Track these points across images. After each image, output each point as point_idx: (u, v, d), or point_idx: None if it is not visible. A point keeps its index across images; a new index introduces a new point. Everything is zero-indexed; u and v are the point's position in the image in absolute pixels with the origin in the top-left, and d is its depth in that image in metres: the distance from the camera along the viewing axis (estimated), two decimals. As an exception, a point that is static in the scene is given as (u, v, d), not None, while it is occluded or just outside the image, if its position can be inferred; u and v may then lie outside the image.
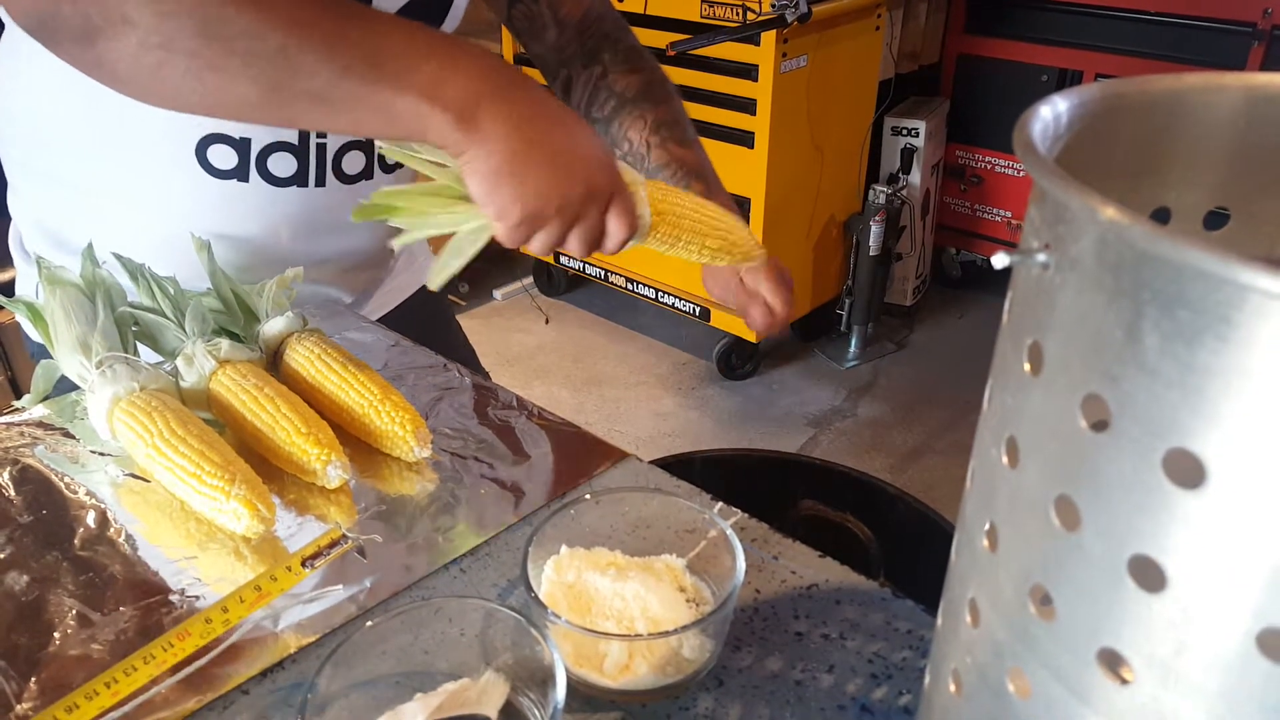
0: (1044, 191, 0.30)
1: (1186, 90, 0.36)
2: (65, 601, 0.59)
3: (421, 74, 0.55)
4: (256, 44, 0.53)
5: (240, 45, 0.53)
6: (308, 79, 0.54)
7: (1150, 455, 0.26)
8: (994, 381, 0.34)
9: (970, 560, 0.36)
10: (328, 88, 0.54)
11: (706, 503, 0.67)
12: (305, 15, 0.53)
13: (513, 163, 0.56)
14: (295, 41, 0.53)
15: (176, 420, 0.67)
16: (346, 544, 0.63)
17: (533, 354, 2.70)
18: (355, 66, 0.54)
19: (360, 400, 0.72)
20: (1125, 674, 0.29)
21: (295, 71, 0.54)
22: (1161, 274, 0.25)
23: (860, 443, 2.34)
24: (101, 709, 0.52)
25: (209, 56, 0.53)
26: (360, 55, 0.54)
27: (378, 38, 0.55)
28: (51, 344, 0.74)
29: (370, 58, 0.54)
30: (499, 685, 0.49)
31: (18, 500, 0.68)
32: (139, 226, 0.83)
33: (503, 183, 0.57)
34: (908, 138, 2.57)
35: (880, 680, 0.54)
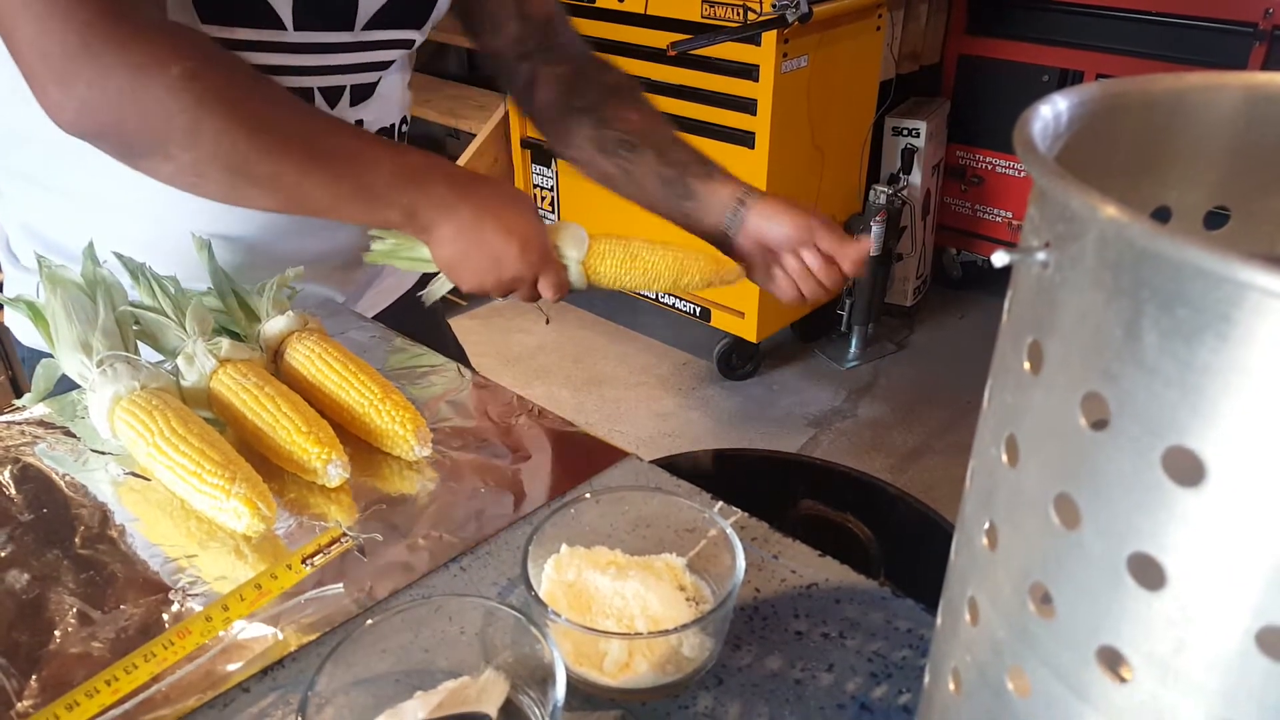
0: (1044, 190, 0.30)
1: (1187, 89, 0.36)
2: (66, 599, 0.59)
3: (401, 200, 0.72)
4: (275, 181, 0.68)
5: (262, 181, 0.68)
6: (315, 202, 0.70)
7: (1150, 453, 0.26)
8: (994, 380, 0.34)
9: (970, 559, 0.36)
10: (330, 208, 0.71)
11: (706, 502, 0.67)
12: (314, 158, 0.69)
13: (456, 260, 0.76)
14: (307, 179, 0.69)
15: (177, 419, 0.67)
16: (346, 542, 0.63)
17: (533, 354, 2.70)
18: (354, 196, 0.71)
19: (361, 399, 0.72)
20: (1125, 672, 0.29)
21: (305, 198, 0.70)
22: (1161, 272, 0.25)
23: (860, 443, 2.34)
24: (102, 707, 0.52)
25: (236, 186, 0.68)
26: (356, 187, 0.71)
27: (370, 172, 0.71)
28: (52, 343, 0.74)
29: (364, 190, 0.71)
30: (499, 683, 0.49)
31: (18, 499, 0.68)
32: (125, 229, 0.83)
33: (451, 270, 0.77)
34: (908, 138, 2.57)
35: (880, 679, 0.54)
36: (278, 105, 0.69)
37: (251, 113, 0.66)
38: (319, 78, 0.82)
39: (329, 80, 0.82)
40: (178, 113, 0.64)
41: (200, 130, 0.64)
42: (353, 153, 0.71)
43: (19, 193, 0.87)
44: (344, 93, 0.84)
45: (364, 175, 0.70)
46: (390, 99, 0.91)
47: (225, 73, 0.66)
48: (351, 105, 0.86)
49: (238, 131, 0.65)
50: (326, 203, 0.70)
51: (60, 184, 0.83)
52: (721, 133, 2.27)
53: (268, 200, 0.70)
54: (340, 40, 0.81)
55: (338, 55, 0.82)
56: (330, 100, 0.84)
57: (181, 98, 0.63)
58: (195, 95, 0.63)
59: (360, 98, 0.86)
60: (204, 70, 0.64)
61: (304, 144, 0.68)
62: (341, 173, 0.70)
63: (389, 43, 0.85)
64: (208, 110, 0.64)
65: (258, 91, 0.68)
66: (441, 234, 0.74)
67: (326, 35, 0.80)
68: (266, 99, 0.68)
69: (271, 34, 0.76)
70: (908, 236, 2.64)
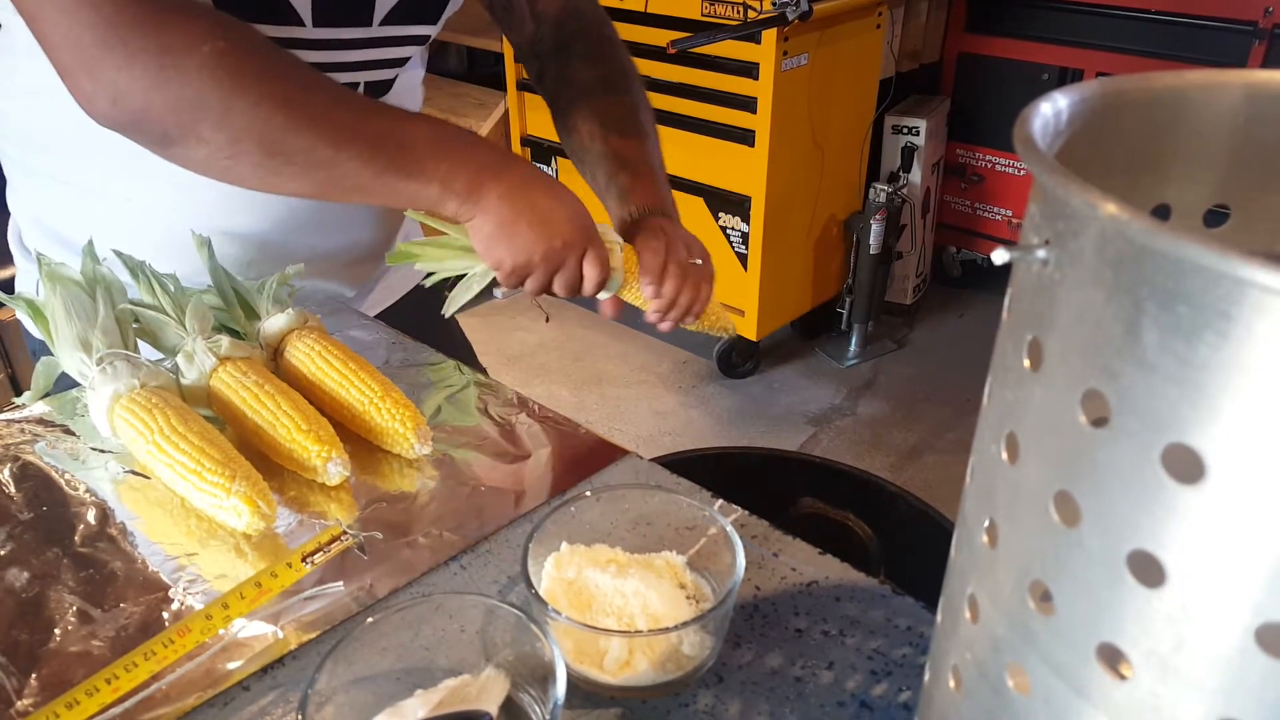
0: (1044, 187, 0.30)
1: (1187, 87, 0.36)
2: (66, 598, 0.59)
3: (439, 171, 0.69)
4: (310, 156, 0.66)
5: (296, 158, 0.66)
6: (351, 179, 0.68)
7: (1149, 451, 0.26)
8: (994, 378, 0.34)
9: (970, 556, 0.36)
10: (367, 183, 0.68)
11: (706, 500, 0.67)
12: (347, 131, 0.67)
13: (503, 228, 0.71)
14: (341, 153, 0.66)
15: (177, 417, 0.67)
16: (347, 541, 0.63)
17: (533, 352, 2.70)
18: (389, 169, 0.68)
19: (361, 397, 0.72)
20: (1124, 669, 0.29)
21: (342, 175, 0.68)
22: (1161, 269, 0.25)
23: (860, 441, 2.34)
24: (102, 705, 0.52)
25: (271, 166, 0.67)
26: (392, 160, 0.68)
27: (405, 144, 0.68)
28: (52, 341, 0.74)
29: (400, 162, 0.68)
30: (499, 681, 0.49)
31: (18, 497, 0.68)
32: (139, 224, 0.84)
33: (496, 243, 0.72)
34: (908, 136, 2.57)
35: (880, 677, 0.54)
36: (310, 82, 0.67)
37: (284, 90, 0.65)
38: (334, 74, 0.82)
39: (345, 77, 0.83)
40: (209, 92, 0.63)
41: (232, 109, 0.64)
42: (388, 126, 0.69)
43: (33, 188, 0.88)
44: (359, 89, 0.84)
45: (400, 148, 0.68)
46: (405, 96, 0.91)
47: (256, 51, 0.65)
48: None
49: (270, 108, 0.64)
50: (363, 179, 0.68)
51: (74, 179, 0.84)
52: (721, 131, 2.27)
53: (303, 181, 0.68)
54: (358, 36, 0.81)
55: (354, 51, 0.82)
56: None
57: (212, 76, 0.63)
58: (226, 74, 0.63)
59: (375, 95, 0.86)
60: (234, 49, 0.63)
61: (338, 119, 0.67)
62: (377, 146, 0.67)
63: (404, 38, 0.86)
64: (239, 88, 0.63)
65: (289, 69, 0.67)
66: (485, 200, 0.71)
67: (344, 31, 0.80)
68: (298, 76, 0.67)
69: (290, 30, 0.77)
70: (907, 235, 2.64)
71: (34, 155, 0.85)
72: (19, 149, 0.86)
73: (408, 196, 0.70)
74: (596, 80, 0.93)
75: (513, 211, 0.71)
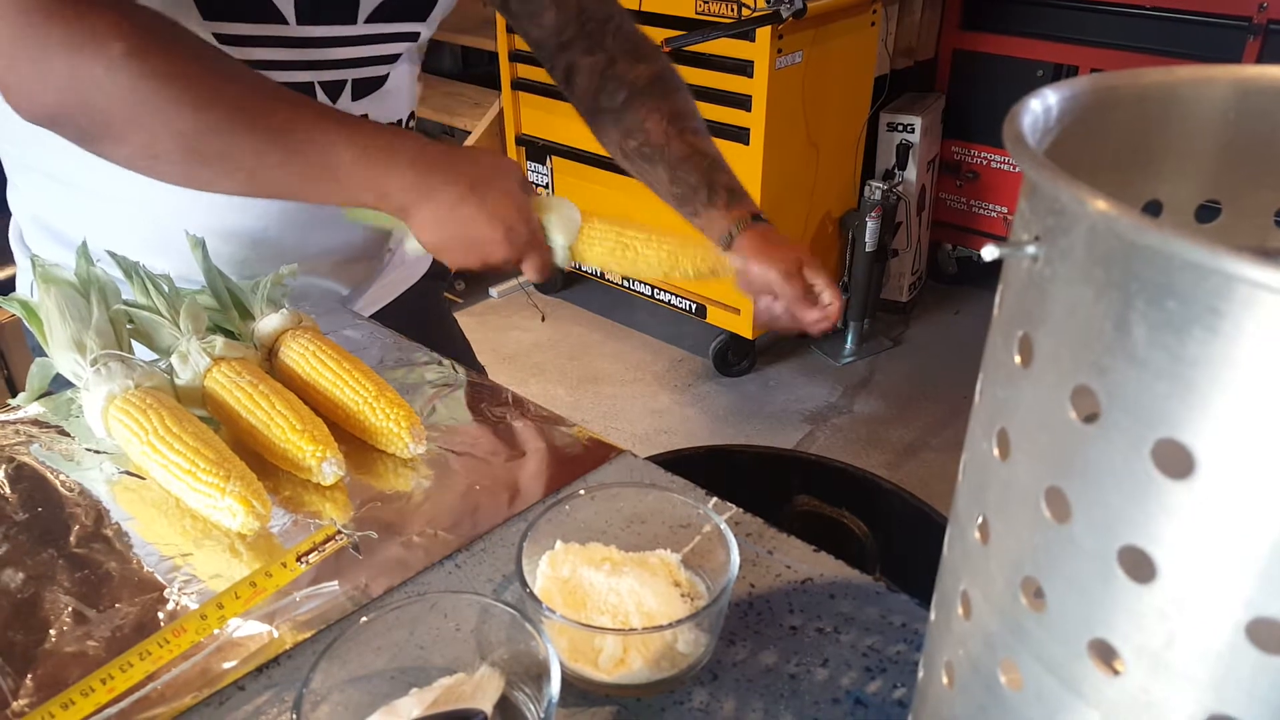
0: (1033, 184, 0.30)
1: (1177, 83, 0.36)
2: (61, 598, 0.59)
3: (368, 180, 0.68)
4: (229, 160, 0.65)
5: (216, 161, 0.65)
6: (276, 184, 0.68)
7: (1140, 446, 0.26)
8: (985, 374, 0.34)
9: (962, 553, 0.36)
10: (295, 190, 0.69)
11: (701, 498, 0.67)
12: (268, 134, 0.65)
13: (440, 244, 0.73)
14: (261, 158, 0.66)
15: (171, 418, 0.67)
16: (341, 540, 0.63)
17: (529, 351, 2.70)
18: (313, 177, 0.67)
19: (355, 397, 0.72)
20: (1116, 665, 0.29)
21: (265, 179, 0.67)
22: (1150, 265, 0.25)
23: (856, 438, 2.34)
24: (97, 705, 0.52)
25: (192, 167, 0.66)
26: (316, 167, 0.67)
27: (329, 153, 0.67)
28: (46, 342, 0.74)
29: (326, 171, 0.67)
30: (494, 680, 0.49)
31: (13, 498, 0.68)
32: (137, 223, 0.84)
33: (436, 253, 0.74)
34: (903, 134, 2.57)
35: (875, 674, 0.54)
36: (231, 81, 0.65)
37: (202, 89, 0.63)
38: (320, 72, 0.82)
39: (330, 75, 0.82)
40: (119, 91, 0.61)
41: (144, 108, 0.62)
42: (311, 129, 0.66)
43: (32, 187, 0.88)
44: (345, 87, 0.84)
45: (324, 155, 0.67)
46: (397, 94, 0.90)
47: (173, 48, 0.63)
48: (354, 99, 0.86)
49: (183, 108, 0.62)
50: (290, 184, 0.67)
51: (71, 178, 0.84)
52: (716, 129, 2.26)
53: (228, 182, 0.67)
54: (343, 34, 0.81)
55: (340, 49, 0.82)
56: (331, 94, 0.83)
57: (121, 76, 0.61)
58: (137, 72, 0.61)
59: (364, 92, 0.86)
60: (148, 47, 0.61)
61: (257, 121, 0.65)
62: (298, 151, 0.66)
63: (393, 36, 0.85)
64: (150, 87, 0.61)
65: (210, 67, 0.65)
66: (420, 219, 0.71)
67: (329, 29, 0.80)
68: (215, 74, 0.65)
69: (274, 28, 0.76)
70: (903, 232, 2.65)
71: (32, 154, 0.85)
72: (18, 148, 0.86)
73: (344, 201, 0.70)
74: (652, 78, 0.91)
75: (441, 237, 0.72)
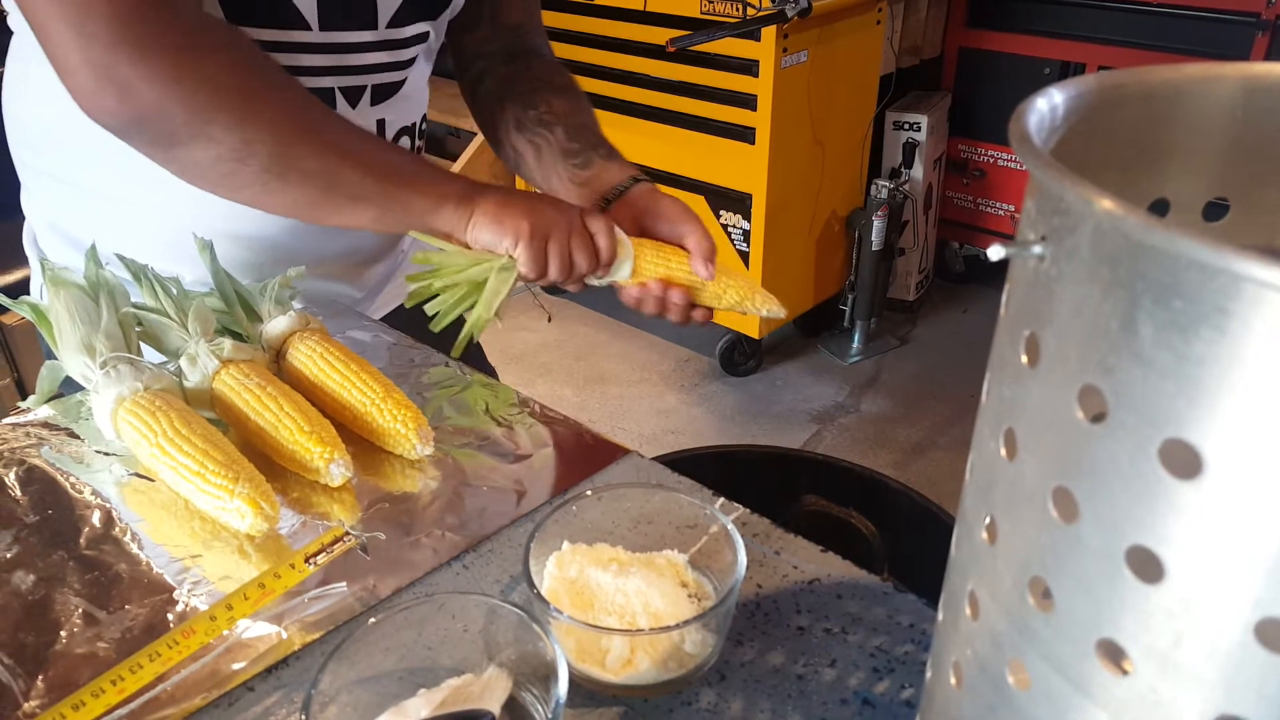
0: (1040, 184, 0.30)
1: (1184, 81, 0.36)
2: (71, 600, 0.59)
3: (436, 185, 0.73)
4: (315, 163, 0.69)
5: (302, 163, 0.68)
6: (352, 187, 0.71)
7: (1147, 446, 0.26)
8: (992, 374, 0.34)
9: (970, 553, 0.36)
10: (367, 191, 0.71)
11: (708, 498, 0.67)
12: (347, 144, 0.70)
13: (504, 206, 0.73)
14: (345, 162, 0.69)
15: (180, 420, 0.67)
16: (349, 541, 0.64)
17: (536, 352, 2.70)
18: (387, 179, 0.71)
19: (362, 398, 0.72)
20: (1125, 665, 0.29)
21: (342, 182, 0.70)
22: (1156, 265, 0.25)
23: (864, 438, 2.34)
24: (108, 706, 0.52)
25: (275, 173, 0.68)
26: (388, 173, 0.71)
27: (396, 161, 0.73)
28: (56, 345, 0.74)
29: (395, 175, 0.72)
30: (502, 681, 0.49)
31: (24, 500, 0.68)
32: (151, 227, 0.84)
33: (504, 217, 0.73)
34: (909, 132, 2.57)
35: (882, 674, 0.54)
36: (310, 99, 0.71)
37: (292, 101, 0.68)
38: (341, 78, 0.82)
39: (351, 80, 0.83)
40: (229, 91, 0.65)
41: (249, 109, 0.66)
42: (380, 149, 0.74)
43: (46, 191, 0.89)
44: (365, 92, 0.85)
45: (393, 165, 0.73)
46: (413, 98, 0.91)
47: (267, 64, 0.69)
48: (373, 105, 0.86)
49: (283, 114, 0.67)
50: (364, 188, 0.71)
51: (85, 183, 0.84)
52: (722, 129, 2.27)
53: (301, 190, 0.70)
54: (364, 39, 0.82)
55: (361, 55, 0.82)
56: (351, 100, 0.84)
57: (233, 78, 0.65)
58: (244, 76, 0.66)
59: (382, 97, 0.86)
60: (248, 59, 0.67)
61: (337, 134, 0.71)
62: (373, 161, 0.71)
63: (410, 39, 0.86)
64: (256, 91, 0.66)
65: (292, 84, 0.70)
66: (479, 202, 0.73)
67: (351, 35, 0.80)
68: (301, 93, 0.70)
69: (298, 35, 0.77)
70: (910, 231, 2.64)
71: (47, 159, 0.86)
72: (32, 153, 0.87)
73: (403, 204, 0.72)
74: (567, 83, 0.95)
75: (505, 199, 0.74)
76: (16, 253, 0.96)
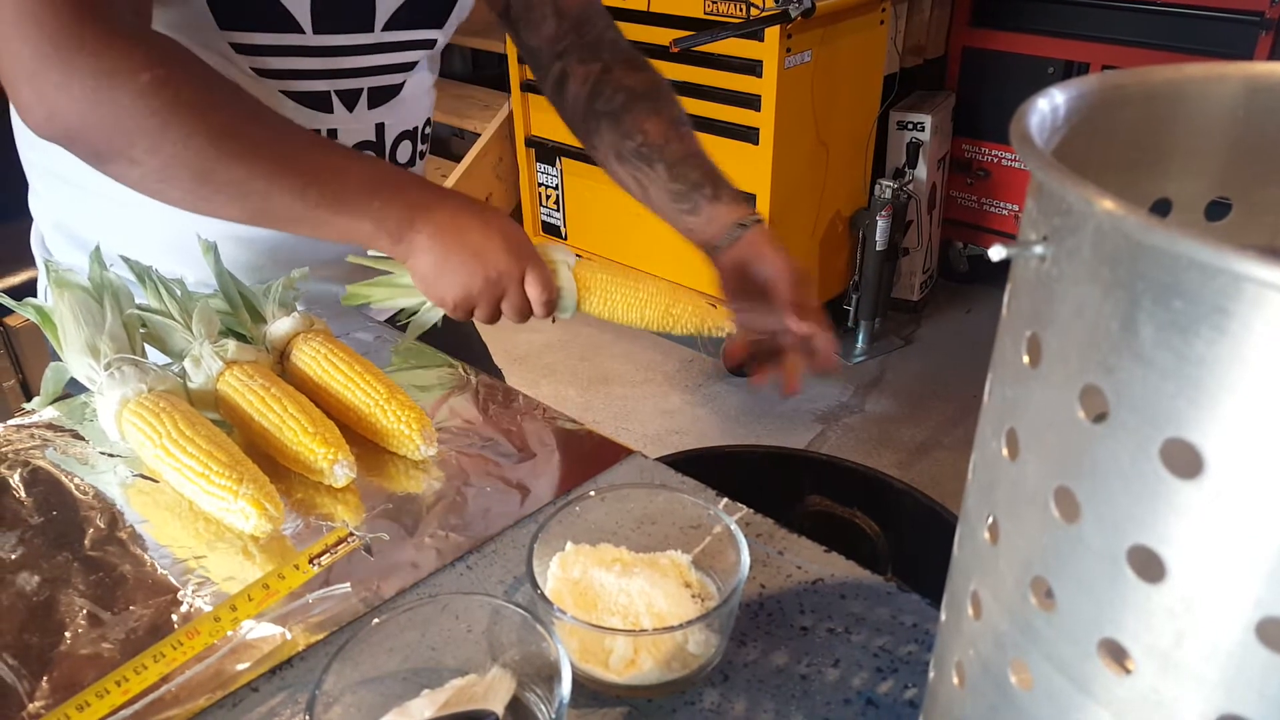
0: (1041, 184, 0.30)
1: (1186, 80, 0.36)
2: (76, 601, 0.60)
3: (371, 208, 0.70)
4: (241, 187, 0.67)
5: (227, 188, 0.67)
6: (283, 211, 0.69)
7: (1148, 446, 0.26)
8: (994, 374, 0.34)
9: (972, 553, 0.36)
10: (299, 218, 0.70)
11: (711, 498, 0.67)
12: (282, 164, 0.68)
13: (437, 267, 0.73)
14: (274, 185, 0.68)
15: (184, 421, 0.67)
16: (353, 542, 0.64)
17: (540, 352, 2.71)
18: (321, 203, 0.69)
19: (366, 399, 0.72)
20: (1127, 664, 0.29)
21: (273, 206, 0.69)
22: (1157, 265, 0.25)
23: (868, 438, 2.34)
24: (112, 707, 0.52)
25: (203, 193, 0.68)
26: (324, 195, 0.69)
27: (339, 180, 0.69)
28: (60, 346, 0.75)
29: (332, 198, 0.69)
30: (505, 681, 0.50)
31: (29, 502, 0.68)
32: (156, 228, 0.84)
33: (433, 282, 0.74)
34: (913, 132, 2.56)
35: (886, 674, 0.54)
36: (247, 115, 0.68)
37: (220, 120, 0.66)
38: (337, 81, 0.82)
39: (347, 84, 0.83)
40: (144, 117, 0.64)
41: (166, 135, 0.64)
42: (324, 159, 0.70)
43: (52, 192, 0.89)
44: (361, 96, 0.85)
45: (335, 181, 0.69)
46: (413, 102, 0.91)
47: (196, 81, 0.66)
48: (370, 108, 0.86)
49: (204, 138, 0.65)
50: (295, 211, 0.69)
51: (89, 183, 0.85)
52: (726, 129, 2.27)
53: (234, 208, 0.69)
54: (360, 42, 0.81)
55: (357, 58, 0.82)
56: (348, 104, 0.84)
57: (148, 103, 0.64)
58: (163, 101, 0.64)
59: (380, 100, 0.86)
60: (172, 78, 0.64)
61: (272, 153, 0.68)
62: (310, 181, 0.68)
63: (409, 43, 0.86)
64: (175, 116, 0.64)
65: (228, 100, 0.68)
66: (417, 239, 0.72)
67: (346, 38, 0.80)
68: (236, 108, 0.68)
69: (291, 38, 0.77)
70: (914, 231, 2.64)
71: (52, 160, 0.86)
72: (38, 153, 0.88)
73: (340, 230, 0.71)
74: (649, 85, 0.92)
75: (444, 250, 0.72)
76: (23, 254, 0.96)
